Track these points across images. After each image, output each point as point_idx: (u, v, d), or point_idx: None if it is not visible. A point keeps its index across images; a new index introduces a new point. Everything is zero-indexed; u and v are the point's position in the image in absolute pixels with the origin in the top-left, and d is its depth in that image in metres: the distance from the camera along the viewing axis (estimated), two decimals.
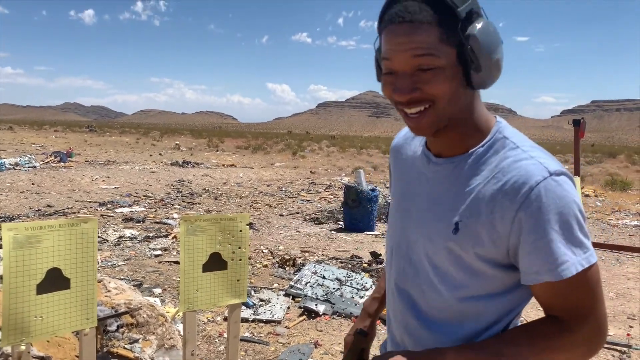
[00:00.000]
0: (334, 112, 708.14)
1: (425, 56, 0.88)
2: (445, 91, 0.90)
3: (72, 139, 36.62)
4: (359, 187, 8.43)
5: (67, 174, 14.14)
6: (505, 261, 0.95)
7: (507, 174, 0.91)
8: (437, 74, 0.89)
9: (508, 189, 0.90)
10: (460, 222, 0.95)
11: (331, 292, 4.83)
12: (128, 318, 3.31)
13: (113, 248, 6.61)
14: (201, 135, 60.01)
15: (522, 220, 0.88)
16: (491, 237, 0.92)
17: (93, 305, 1.49)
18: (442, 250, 0.98)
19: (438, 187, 1.02)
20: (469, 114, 0.97)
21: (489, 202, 0.92)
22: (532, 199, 0.87)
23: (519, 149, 0.94)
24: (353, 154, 33.79)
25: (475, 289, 0.97)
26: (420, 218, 1.04)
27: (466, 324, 1.00)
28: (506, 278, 0.96)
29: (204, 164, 20.88)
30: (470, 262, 0.96)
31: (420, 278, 1.04)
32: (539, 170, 0.89)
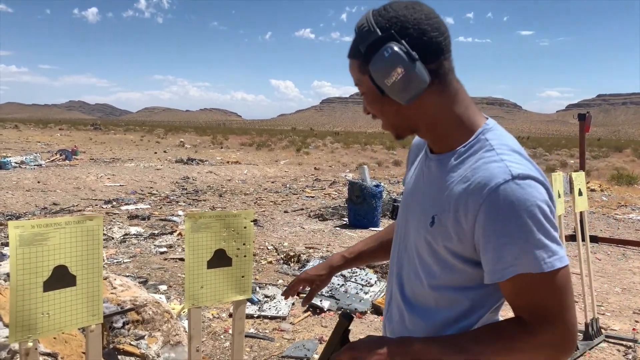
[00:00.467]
0: (338, 108, 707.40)
1: (357, 85, 1.07)
2: (376, 110, 1.07)
3: (77, 137, 36.77)
4: (363, 184, 8.43)
5: (73, 172, 14.21)
6: (473, 257, 0.99)
7: (475, 174, 0.97)
8: (365, 97, 1.07)
9: (472, 189, 0.95)
10: (436, 216, 1.02)
11: (336, 288, 4.84)
12: (134, 315, 3.34)
13: (118, 245, 6.64)
14: (205, 132, 60.10)
15: (482, 221, 0.93)
16: (457, 233, 0.98)
17: (99, 301, 1.50)
18: (422, 241, 1.07)
19: (428, 181, 1.10)
20: (442, 118, 1.05)
21: (456, 199, 0.98)
22: (491, 200, 0.92)
23: (493, 151, 0.99)
24: (357, 150, 33.77)
25: (447, 280, 1.04)
26: (414, 210, 1.13)
27: (442, 310, 1.07)
28: (475, 273, 1.01)
29: (208, 161, 20.92)
30: (443, 255, 1.03)
31: (410, 265, 1.13)
32: (501, 173, 0.93)
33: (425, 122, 1.06)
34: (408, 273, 1.14)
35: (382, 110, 1.06)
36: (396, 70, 0.97)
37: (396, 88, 0.99)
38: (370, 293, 4.79)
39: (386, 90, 1.00)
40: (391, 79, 0.98)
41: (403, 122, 1.07)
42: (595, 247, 7.17)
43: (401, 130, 1.08)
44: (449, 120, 1.04)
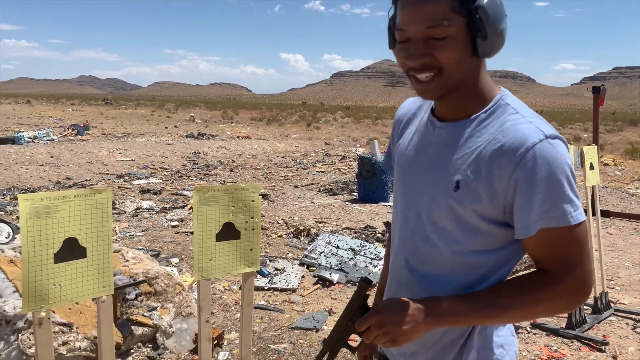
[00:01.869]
0: (348, 82, 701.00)
1: (437, 27, 0.95)
2: (454, 58, 0.98)
3: (88, 112, 36.94)
4: (373, 158, 8.41)
5: (85, 147, 14.33)
6: (500, 219, 1.01)
7: (505, 135, 0.98)
8: (447, 42, 0.96)
9: (506, 149, 0.97)
10: (461, 180, 1.02)
11: (345, 261, 4.88)
12: (146, 287, 3.40)
13: (131, 219, 6.73)
14: (215, 107, 60.02)
15: (518, 178, 0.95)
16: (489, 194, 0.99)
17: (109, 273, 1.52)
18: (442, 208, 1.05)
19: (441, 149, 1.08)
20: (473, 81, 1.04)
21: (488, 161, 0.99)
22: (528, 159, 0.94)
23: (518, 114, 1.01)
24: (368, 124, 33.56)
25: (471, 244, 1.04)
26: (423, 179, 1.10)
27: (459, 276, 1.07)
28: (500, 235, 1.03)
29: (218, 135, 20.95)
30: (468, 219, 1.03)
31: (417, 235, 1.11)
32: (535, 133, 0.96)
33: (470, 83, 1.04)
34: (414, 245, 1.12)
35: (463, 59, 0.99)
36: (506, 16, 0.99)
37: (500, 36, 0.98)
38: (379, 266, 4.82)
39: (492, 35, 0.96)
40: (503, 24, 0.98)
41: (464, 78, 1.02)
42: (606, 221, 7.11)
43: (450, 88, 1.02)
44: (478, 85, 1.05)
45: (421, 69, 0.99)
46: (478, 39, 0.97)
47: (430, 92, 1.03)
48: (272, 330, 3.62)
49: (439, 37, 0.96)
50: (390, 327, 0.98)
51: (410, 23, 0.97)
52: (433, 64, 0.98)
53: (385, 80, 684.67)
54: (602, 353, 3.41)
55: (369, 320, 1.01)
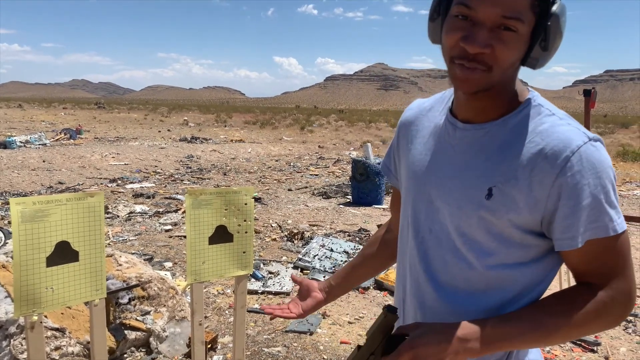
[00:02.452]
0: (342, 86, 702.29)
1: (513, 19, 0.85)
2: (511, 58, 0.89)
3: (81, 116, 36.78)
4: (367, 161, 8.43)
5: (77, 151, 14.26)
6: (536, 229, 0.93)
7: (545, 138, 0.90)
8: (514, 37, 0.87)
9: (548, 153, 0.88)
10: (495, 187, 0.92)
11: (339, 264, 4.88)
12: (139, 291, 3.39)
13: (124, 223, 6.70)
14: (209, 110, 59.94)
15: (563, 185, 0.87)
16: (527, 201, 0.90)
17: (102, 277, 1.52)
18: (472, 218, 0.95)
19: (466, 153, 0.98)
20: (509, 83, 0.96)
21: (526, 166, 0.90)
22: (574, 163, 0.87)
23: (554, 116, 0.93)
24: (362, 127, 33.64)
25: (505, 256, 0.95)
26: (446, 186, 1.00)
27: (492, 293, 0.97)
28: (535, 246, 0.95)
29: (212, 139, 20.92)
30: (501, 229, 0.93)
31: (443, 248, 1.00)
32: (578, 136, 0.89)
33: (507, 84, 0.96)
34: (442, 258, 1.01)
35: (517, 59, 0.91)
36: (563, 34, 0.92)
37: (552, 51, 0.91)
38: None
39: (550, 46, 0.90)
40: (560, 42, 0.92)
41: (506, 79, 0.94)
42: None
43: (494, 85, 0.92)
44: (512, 86, 0.97)
45: (473, 59, 0.88)
46: (537, 47, 0.90)
47: (471, 84, 0.91)
48: (265, 334, 3.62)
49: (511, 29, 0.86)
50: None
51: (485, 4, 0.85)
52: (488, 58, 0.88)
53: (378, 83, 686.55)
54: (594, 354, 3.44)
55: (403, 354, 0.87)
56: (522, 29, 0.87)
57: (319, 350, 3.39)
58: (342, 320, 3.88)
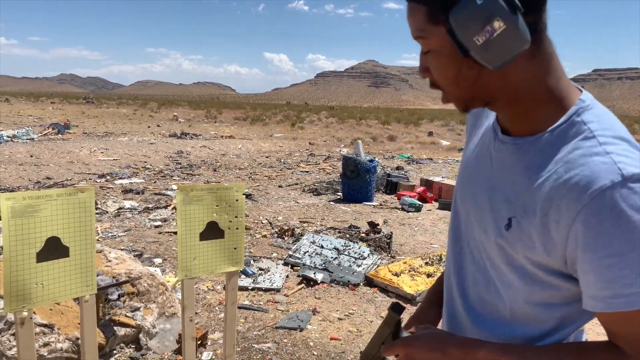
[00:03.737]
0: (333, 82, 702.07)
1: (419, 38, 0.81)
2: (444, 75, 0.82)
3: (69, 111, 36.40)
4: (357, 158, 8.44)
5: (66, 146, 14.12)
6: (563, 270, 0.80)
7: (570, 170, 0.75)
8: (432, 56, 0.81)
9: (568, 190, 0.74)
10: (514, 218, 0.82)
11: (329, 261, 4.90)
12: (129, 287, 3.38)
13: (113, 219, 6.66)
14: (199, 106, 59.63)
15: (579, 233, 0.73)
16: (544, 242, 0.78)
17: (92, 272, 1.52)
18: (493, 245, 0.87)
19: (499, 169, 0.89)
20: (528, 89, 0.81)
21: (545, 201, 0.77)
22: (594, 207, 0.71)
23: (594, 140, 0.76)
24: (352, 124, 33.66)
25: (528, 293, 0.85)
26: (478, 203, 0.92)
27: (517, 327, 0.89)
28: (565, 288, 0.82)
29: (202, 135, 20.82)
30: (522, 263, 0.83)
31: (475, 266, 0.94)
32: (608, 172, 0.71)
33: (507, 93, 0.82)
34: (473, 276, 0.95)
35: (458, 75, 0.80)
36: (492, 24, 0.72)
37: (489, 48, 0.74)
38: (363, 266, 4.85)
39: (473, 50, 0.75)
40: (484, 35, 0.73)
41: (479, 92, 0.82)
42: None
43: (474, 102, 0.84)
44: (537, 93, 0.81)
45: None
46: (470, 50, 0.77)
47: (453, 103, 0.86)
48: (256, 330, 3.62)
49: (424, 51, 0.82)
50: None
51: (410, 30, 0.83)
52: (432, 79, 0.85)
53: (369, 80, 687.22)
54: None
55: (397, 349, 0.89)
56: (432, 44, 0.80)
57: (309, 347, 3.40)
58: (332, 316, 3.90)
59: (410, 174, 11.73)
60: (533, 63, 0.79)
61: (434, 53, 0.81)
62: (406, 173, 11.51)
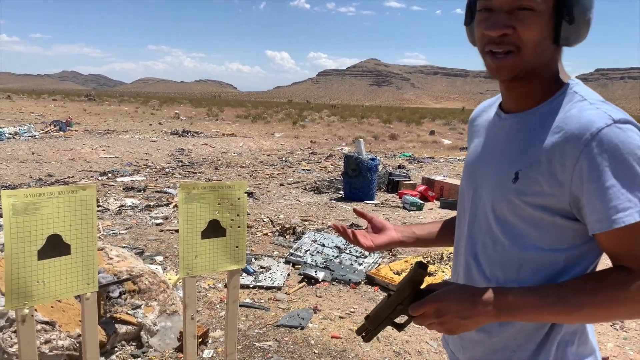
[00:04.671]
0: (334, 81, 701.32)
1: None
2: (535, 36, 0.92)
3: (71, 108, 36.42)
4: (359, 157, 8.43)
5: (67, 144, 14.12)
6: (567, 211, 0.93)
7: (569, 122, 0.91)
8: (533, 16, 0.91)
9: (569, 137, 0.89)
10: (520, 171, 0.96)
11: (330, 259, 4.90)
12: (130, 285, 3.37)
13: (114, 217, 6.66)
14: (200, 104, 59.62)
15: (583, 168, 0.87)
16: (551, 186, 0.92)
17: (94, 270, 1.52)
18: (502, 202, 0.99)
19: (504, 142, 1.04)
20: (547, 69, 0.98)
21: (549, 151, 0.92)
22: (593, 145, 0.86)
23: (585, 101, 0.94)
24: (354, 123, 33.63)
25: (537, 239, 0.97)
26: (487, 173, 1.06)
27: (525, 279, 0.99)
28: (569, 229, 0.95)
29: (203, 133, 20.82)
30: (530, 212, 0.96)
31: (483, 232, 1.06)
32: (601, 118, 0.88)
33: (543, 70, 0.98)
34: (483, 242, 1.06)
35: (541, 40, 0.93)
36: (593, 6, 0.94)
37: (586, 25, 0.93)
38: (364, 264, 4.85)
39: (578, 21, 0.92)
40: (590, 13, 0.93)
41: (538, 62, 0.96)
42: None
43: (524, 71, 0.96)
44: (551, 74, 0.99)
45: (500, 42, 0.94)
46: (564, 22, 0.92)
47: (505, 71, 0.96)
48: (257, 328, 3.62)
49: (527, 8, 0.91)
50: (448, 317, 0.92)
51: None
52: (513, 39, 0.93)
53: (371, 79, 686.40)
54: None
55: (426, 306, 0.93)
56: (539, 6, 0.90)
57: (310, 345, 3.40)
58: (333, 315, 3.89)
59: (411, 172, 11.71)
60: (559, 55, 0.99)
61: (536, 14, 0.91)
62: (408, 172, 11.50)
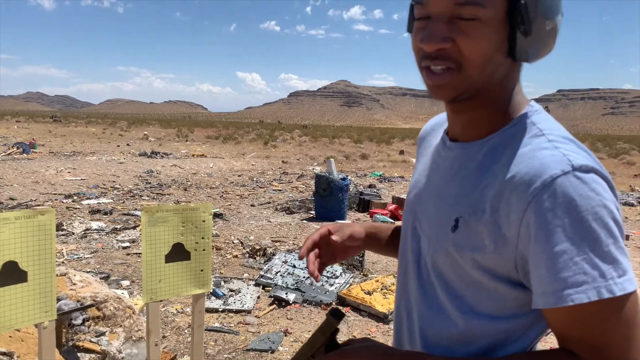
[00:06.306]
0: (305, 102, 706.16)
1: (468, 5, 0.73)
2: (480, 50, 0.74)
3: (35, 130, 35.52)
4: (330, 176, 8.47)
5: (31, 166, 13.73)
6: (513, 276, 0.76)
7: (520, 164, 0.74)
8: (477, 26, 0.73)
9: (517, 182, 0.72)
10: (461, 218, 0.79)
11: (301, 280, 4.87)
12: (94, 311, 3.27)
13: (79, 241, 6.48)
14: (170, 125, 59.01)
15: (531, 224, 0.70)
16: (495, 241, 0.75)
17: (52, 297, 1.47)
18: (441, 252, 0.83)
19: (445, 176, 0.87)
20: (500, 91, 0.81)
21: (494, 197, 0.75)
22: (544, 197, 0.69)
23: (543, 137, 0.76)
24: (325, 143, 33.83)
25: (476, 303, 0.81)
26: (426, 213, 0.89)
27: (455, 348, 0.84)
28: (512, 298, 0.78)
29: (173, 154, 20.58)
30: (468, 270, 0.79)
31: (422, 280, 0.90)
32: (559, 163, 0.71)
33: (495, 91, 0.80)
34: (418, 294, 0.90)
35: (491, 55, 0.75)
36: (558, 16, 0.76)
37: (547, 37, 0.76)
38: (335, 285, 4.83)
39: (535, 32, 0.74)
40: (552, 23, 0.75)
41: (487, 81, 0.78)
42: None
43: (469, 92, 0.78)
44: (504, 99, 0.81)
45: (436, 57, 0.76)
46: (518, 33, 0.74)
47: (444, 90, 0.79)
48: (226, 353, 3.55)
49: (467, 18, 0.73)
50: None
51: None
52: (452, 53, 0.75)
53: (341, 100, 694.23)
54: None
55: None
56: (486, 14, 0.73)
57: None
58: (304, 337, 3.85)
59: (382, 191, 11.82)
60: (518, 72, 0.82)
61: (481, 23, 0.73)
62: (378, 191, 11.60)
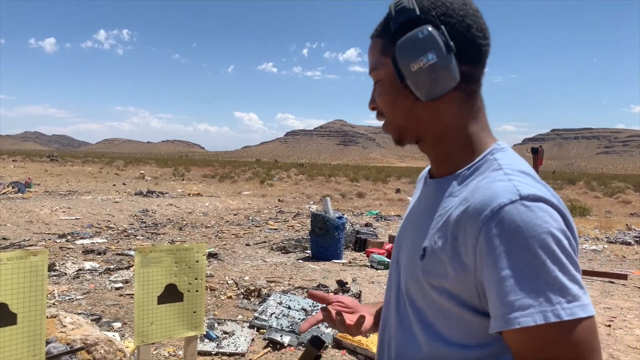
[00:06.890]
0: (302, 141, 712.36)
1: (373, 71, 0.93)
2: (385, 103, 0.92)
3: (31, 169, 35.54)
4: (326, 215, 8.45)
5: (25, 205, 13.66)
6: (475, 303, 0.80)
7: (476, 194, 0.80)
8: (380, 86, 0.92)
9: (471, 211, 0.78)
10: (427, 247, 0.85)
11: (297, 322, 4.78)
12: (84, 354, 3.19)
13: (71, 281, 6.38)
14: (167, 164, 59.19)
15: (482, 250, 0.75)
16: (455, 268, 0.80)
17: (41, 341, 1.44)
18: (412, 279, 0.89)
19: (424, 210, 0.94)
20: (453, 131, 0.90)
21: (454, 225, 0.81)
22: (492, 225, 0.74)
23: (501, 171, 0.83)
24: (321, 181, 33.91)
25: (445, 330, 0.85)
26: (405, 244, 0.96)
27: None
28: (478, 326, 0.81)
29: (169, 193, 20.55)
30: (436, 297, 0.84)
31: (399, 310, 0.95)
32: (507, 192, 0.76)
33: (435, 131, 0.90)
34: (395, 323, 0.96)
35: (394, 103, 0.90)
36: (427, 55, 0.84)
37: (421, 77, 0.85)
38: (331, 327, 4.75)
39: (408, 76, 0.85)
40: (418, 64, 0.84)
41: (412, 124, 0.91)
42: None
43: (406, 133, 0.93)
44: (458, 136, 0.90)
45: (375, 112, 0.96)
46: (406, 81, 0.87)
47: (389, 133, 0.95)
48: None
49: (375, 81, 0.93)
50: None
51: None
52: (377, 108, 0.94)
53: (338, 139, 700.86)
54: None
55: None
56: (380, 74, 0.91)
57: None
58: None
59: (378, 230, 11.77)
60: (462, 109, 0.90)
61: (380, 83, 0.92)
62: (375, 230, 11.55)
